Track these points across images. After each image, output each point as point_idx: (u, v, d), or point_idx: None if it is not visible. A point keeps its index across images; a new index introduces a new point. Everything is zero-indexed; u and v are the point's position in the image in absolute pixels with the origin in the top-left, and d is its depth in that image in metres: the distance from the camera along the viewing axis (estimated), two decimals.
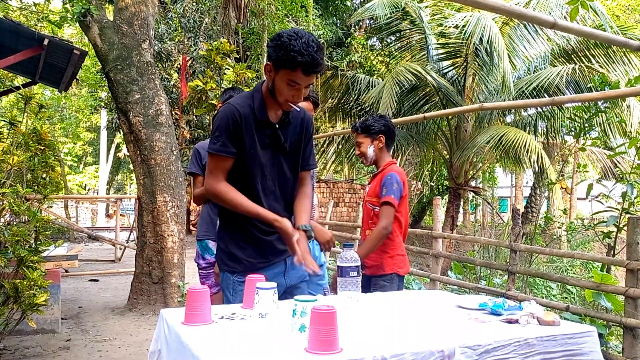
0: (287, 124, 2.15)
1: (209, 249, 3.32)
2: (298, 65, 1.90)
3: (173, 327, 1.68)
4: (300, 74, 1.94)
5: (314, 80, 2.07)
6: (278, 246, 2.15)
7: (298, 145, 2.21)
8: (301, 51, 1.89)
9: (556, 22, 2.46)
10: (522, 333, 1.64)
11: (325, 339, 1.41)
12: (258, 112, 2.07)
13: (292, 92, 1.99)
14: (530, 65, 10.10)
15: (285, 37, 1.93)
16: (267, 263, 2.16)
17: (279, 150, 2.14)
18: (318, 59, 1.92)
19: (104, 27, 5.56)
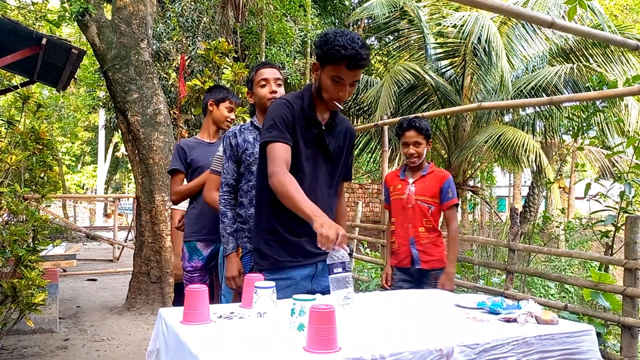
0: (333, 128, 2.19)
1: (197, 251, 3.12)
2: (342, 59, 1.94)
3: (171, 326, 1.68)
4: (344, 69, 1.97)
5: (360, 77, 2.10)
6: (308, 248, 2.13)
7: (340, 152, 2.26)
8: (345, 45, 1.93)
9: (554, 21, 2.46)
10: (521, 332, 1.64)
11: (323, 338, 1.41)
12: (307, 110, 2.11)
13: (338, 89, 2.02)
14: (529, 65, 10.10)
15: (330, 34, 1.99)
16: (296, 263, 2.15)
17: (322, 152, 2.17)
18: (362, 54, 1.95)
19: (102, 26, 5.56)
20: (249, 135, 2.55)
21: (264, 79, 2.57)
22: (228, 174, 2.53)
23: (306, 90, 2.17)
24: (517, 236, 4.52)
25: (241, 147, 2.52)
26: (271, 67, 2.64)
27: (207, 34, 11.67)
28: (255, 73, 2.61)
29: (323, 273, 2.21)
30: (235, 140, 2.53)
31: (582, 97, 4.03)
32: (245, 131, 2.57)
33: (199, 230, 3.08)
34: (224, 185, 2.52)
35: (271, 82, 2.58)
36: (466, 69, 9.88)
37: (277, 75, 2.62)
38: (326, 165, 2.19)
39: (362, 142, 11.67)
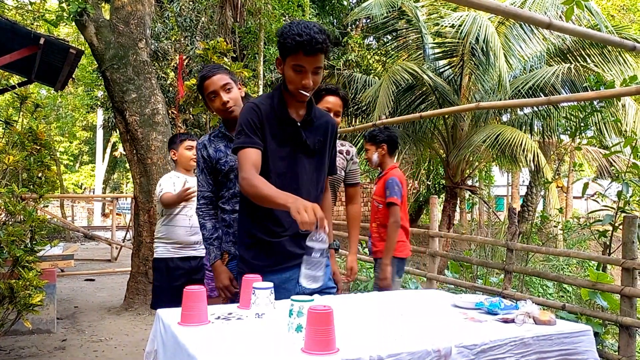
0: (309, 123, 2.16)
1: None
2: (298, 46, 1.93)
3: (169, 327, 1.68)
4: (302, 56, 1.95)
5: (322, 64, 2.05)
6: (290, 249, 2.09)
7: (323, 146, 2.21)
8: (299, 32, 1.93)
9: (552, 22, 2.47)
10: (518, 332, 1.64)
11: (321, 339, 1.41)
12: (277, 109, 2.09)
13: (300, 77, 2.00)
14: (526, 65, 10.11)
15: (286, 26, 2.01)
16: (275, 267, 2.09)
17: (301, 149, 2.12)
18: (318, 38, 1.94)
19: (101, 26, 5.55)
20: (219, 143, 2.52)
21: (212, 92, 2.49)
22: (203, 187, 2.53)
23: (276, 89, 2.15)
24: (515, 236, 4.53)
25: (214, 158, 2.49)
26: (213, 76, 2.51)
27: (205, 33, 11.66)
28: (202, 86, 2.52)
29: None
30: (206, 152, 2.50)
31: (580, 97, 4.04)
32: (216, 140, 2.54)
33: None
34: (201, 198, 2.54)
35: (220, 92, 2.49)
36: (464, 69, 9.89)
37: (223, 82, 2.49)
38: (309, 160, 2.15)
39: (360, 142, 11.67)
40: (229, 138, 2.51)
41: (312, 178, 2.17)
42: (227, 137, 2.51)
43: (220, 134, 2.54)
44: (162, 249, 3.51)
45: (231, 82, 2.52)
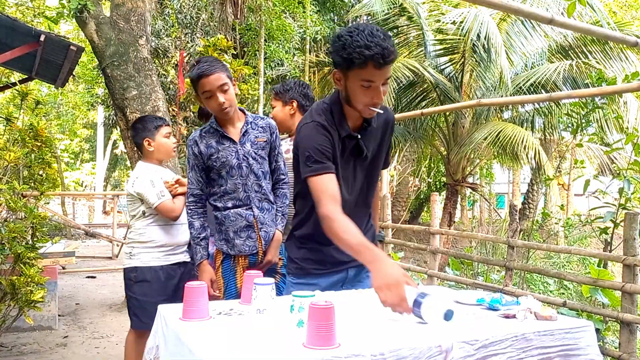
0: (369, 131, 2.01)
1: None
2: (368, 59, 1.72)
3: (171, 322, 1.68)
4: (373, 69, 1.74)
5: (390, 74, 1.87)
6: (336, 256, 2.03)
7: (380, 149, 2.10)
8: (367, 44, 1.71)
9: (553, 18, 2.46)
10: (520, 328, 1.64)
11: (323, 334, 1.41)
12: (339, 127, 1.93)
13: (371, 94, 1.81)
14: (528, 62, 10.10)
15: (345, 35, 1.77)
16: (323, 271, 2.09)
17: (361, 159, 2.03)
18: (388, 47, 1.73)
19: (101, 23, 5.54)
20: (211, 139, 2.50)
21: (207, 91, 2.40)
22: (192, 184, 2.53)
23: (333, 103, 1.96)
24: (516, 233, 4.53)
25: (205, 154, 2.48)
26: (210, 75, 2.36)
27: (205, 30, 11.64)
28: (197, 84, 2.42)
29: (355, 279, 2.16)
30: (197, 149, 2.48)
31: (581, 93, 4.03)
32: (207, 135, 2.50)
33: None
34: (190, 195, 2.55)
35: (216, 93, 2.39)
36: (465, 66, 9.88)
37: (220, 82, 2.38)
38: (366, 168, 2.06)
39: None
40: (220, 134, 2.50)
41: (367, 182, 2.10)
42: (219, 133, 2.50)
43: (211, 130, 2.51)
44: (146, 257, 2.92)
45: (228, 81, 2.42)
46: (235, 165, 2.49)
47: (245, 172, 2.50)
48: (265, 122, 2.62)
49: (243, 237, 2.53)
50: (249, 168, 2.51)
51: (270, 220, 2.59)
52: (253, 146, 2.53)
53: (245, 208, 2.52)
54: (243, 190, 2.51)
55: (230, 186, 2.50)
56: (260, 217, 2.54)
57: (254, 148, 2.53)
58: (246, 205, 2.52)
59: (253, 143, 2.53)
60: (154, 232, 2.93)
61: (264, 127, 2.59)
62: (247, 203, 2.52)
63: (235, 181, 2.50)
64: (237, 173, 2.49)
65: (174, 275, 2.95)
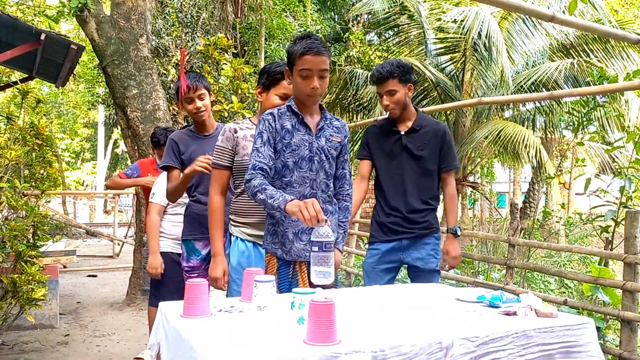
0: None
1: (196, 250, 3.00)
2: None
3: (172, 320, 1.68)
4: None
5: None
6: (393, 227, 2.90)
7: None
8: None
9: (554, 15, 2.46)
10: (520, 325, 1.64)
11: (323, 331, 1.41)
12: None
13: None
14: (529, 60, 10.09)
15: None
16: (383, 238, 2.93)
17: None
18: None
19: (101, 21, 5.54)
20: (286, 122, 2.25)
21: (307, 69, 2.15)
22: (264, 158, 2.17)
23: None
24: (517, 231, 4.52)
25: (279, 134, 2.23)
26: (317, 55, 2.16)
27: (206, 29, 11.64)
28: (300, 59, 2.16)
29: (411, 247, 2.90)
30: (274, 124, 2.23)
31: (582, 91, 4.03)
32: (283, 116, 2.26)
33: (197, 228, 2.93)
34: (258, 168, 2.14)
35: (315, 75, 2.18)
36: (466, 65, 9.87)
37: (321, 66, 2.19)
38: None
39: (360, 138, 11.65)
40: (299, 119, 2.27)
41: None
42: (298, 117, 2.27)
43: (288, 112, 2.27)
44: (162, 243, 3.39)
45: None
46: (307, 157, 2.24)
47: (317, 167, 2.25)
48: (341, 123, 2.42)
49: (304, 241, 2.22)
50: (320, 164, 2.27)
51: (333, 225, 2.30)
52: (327, 142, 2.30)
53: None
54: (310, 186, 2.24)
55: (297, 179, 2.22)
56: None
57: (328, 145, 2.30)
58: None
59: (328, 140, 2.31)
60: (165, 223, 3.46)
61: (338, 128, 2.37)
62: None
63: (304, 174, 2.23)
64: (307, 166, 2.24)
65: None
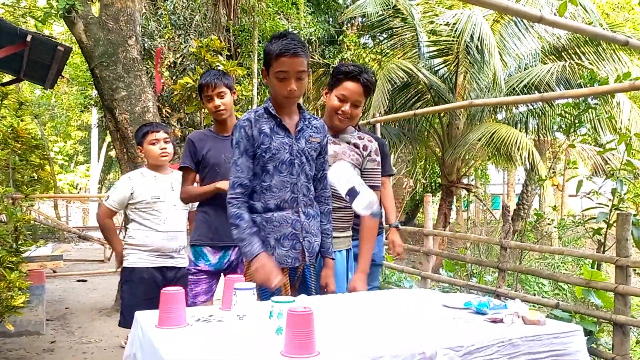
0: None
1: (204, 255, 2.87)
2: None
3: (146, 330, 1.62)
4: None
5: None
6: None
7: None
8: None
9: (543, 16, 2.42)
10: (506, 333, 1.60)
11: (301, 342, 1.36)
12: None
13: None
14: (521, 63, 10.08)
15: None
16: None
17: None
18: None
19: (90, 23, 5.48)
20: (264, 125, 2.17)
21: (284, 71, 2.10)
22: (242, 172, 2.13)
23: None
24: (509, 234, 4.49)
25: (257, 140, 2.14)
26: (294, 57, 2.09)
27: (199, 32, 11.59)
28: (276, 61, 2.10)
29: None
30: (251, 131, 2.14)
31: (573, 93, 4.00)
32: (260, 119, 2.18)
33: (205, 234, 2.85)
34: (238, 186, 2.13)
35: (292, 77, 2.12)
36: (459, 67, 9.85)
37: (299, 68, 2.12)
38: None
39: None
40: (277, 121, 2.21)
41: None
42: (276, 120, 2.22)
43: (266, 114, 2.21)
44: (133, 257, 3.15)
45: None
46: (287, 161, 2.17)
47: (297, 170, 2.20)
48: (320, 122, 2.35)
49: (286, 247, 2.16)
50: (301, 167, 2.21)
51: (315, 229, 2.26)
52: (307, 144, 2.24)
53: (291, 212, 2.19)
54: (291, 190, 2.18)
55: (277, 183, 2.16)
56: (306, 225, 2.21)
57: (308, 147, 2.24)
58: (291, 208, 2.19)
59: (307, 141, 2.24)
60: (137, 234, 3.18)
61: (317, 128, 2.31)
62: (292, 206, 2.19)
63: (284, 178, 2.17)
64: (288, 170, 2.17)
65: (160, 278, 3.14)
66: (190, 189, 2.89)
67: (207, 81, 2.85)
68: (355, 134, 2.59)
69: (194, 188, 2.90)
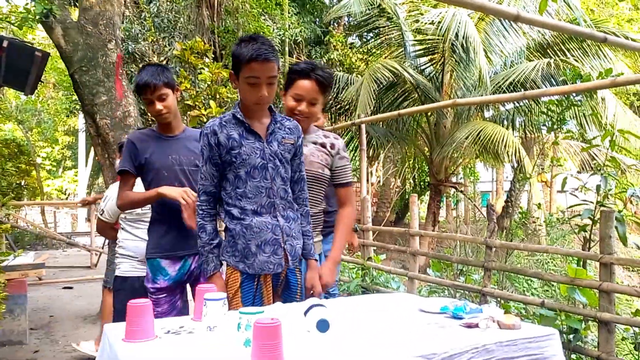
0: None
1: (162, 270, 2.56)
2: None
3: (113, 344, 1.58)
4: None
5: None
6: None
7: None
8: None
9: (519, 14, 2.40)
10: (481, 339, 1.57)
11: (268, 355, 1.33)
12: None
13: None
14: (507, 61, 10.12)
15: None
16: None
17: None
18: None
19: (68, 27, 5.40)
20: (232, 131, 2.13)
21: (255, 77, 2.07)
22: (206, 180, 2.13)
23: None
24: (494, 233, 4.47)
25: (225, 147, 2.11)
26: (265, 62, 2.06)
27: (184, 34, 11.50)
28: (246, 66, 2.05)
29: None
30: (215, 139, 2.11)
31: (556, 91, 4.00)
32: (228, 125, 2.14)
33: (163, 246, 2.57)
34: (202, 193, 2.14)
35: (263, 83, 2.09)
36: (445, 66, 9.86)
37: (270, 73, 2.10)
38: None
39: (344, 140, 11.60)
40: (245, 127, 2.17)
41: None
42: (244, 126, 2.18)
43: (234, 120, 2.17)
44: (126, 266, 3.04)
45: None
46: (259, 166, 2.13)
47: (272, 174, 2.15)
48: (293, 123, 2.29)
49: (268, 253, 2.11)
50: (275, 170, 2.16)
51: (297, 231, 2.22)
52: (280, 146, 2.19)
53: (269, 217, 2.14)
54: (267, 195, 2.13)
55: (251, 189, 2.12)
56: (286, 228, 2.16)
57: (281, 149, 2.19)
58: (269, 213, 2.14)
59: (280, 143, 2.19)
60: (128, 244, 3.08)
61: (290, 129, 2.25)
62: (270, 211, 2.14)
63: (258, 184, 2.12)
64: (261, 175, 2.13)
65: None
66: (129, 194, 2.61)
67: (145, 81, 2.50)
68: (320, 133, 2.54)
69: (133, 194, 2.63)
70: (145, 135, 2.64)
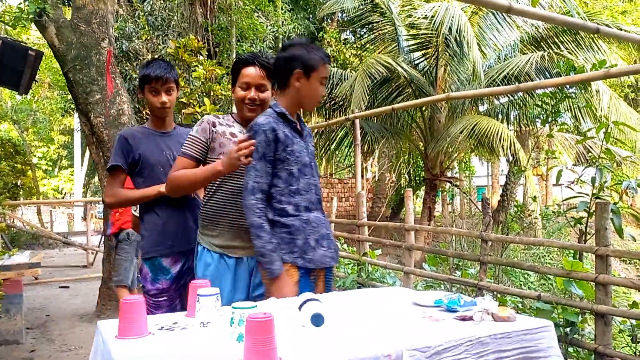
0: None
1: (164, 269, 2.43)
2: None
3: (107, 341, 1.57)
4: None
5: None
6: None
7: None
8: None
9: (511, 6, 2.39)
10: (475, 332, 1.57)
11: (261, 350, 1.32)
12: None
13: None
14: (501, 54, 10.12)
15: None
16: None
17: None
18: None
19: (61, 26, 5.37)
20: (285, 128, 2.15)
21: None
22: (262, 177, 2.07)
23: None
24: (490, 226, 4.48)
25: (283, 143, 2.10)
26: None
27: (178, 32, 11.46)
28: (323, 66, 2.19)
29: None
30: (273, 135, 2.08)
31: (549, 83, 3.99)
32: (279, 123, 2.14)
33: (163, 243, 2.43)
34: (258, 191, 2.06)
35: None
36: (439, 60, 9.86)
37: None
38: None
39: (338, 135, 11.61)
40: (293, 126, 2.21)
41: None
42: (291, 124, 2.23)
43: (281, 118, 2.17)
44: None
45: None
46: (308, 163, 2.19)
47: (314, 172, 2.22)
48: (309, 128, 2.41)
49: (325, 247, 2.15)
50: (315, 169, 2.25)
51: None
52: (311, 146, 2.30)
53: (319, 212, 2.19)
54: (315, 192, 2.19)
55: (304, 186, 2.14)
56: (328, 225, 2.24)
57: (312, 149, 2.28)
58: (318, 209, 2.20)
59: (311, 144, 2.30)
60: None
61: (309, 133, 2.35)
62: (318, 207, 2.20)
63: (309, 180, 2.17)
64: (310, 172, 2.19)
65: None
66: (121, 192, 2.48)
67: (157, 74, 2.48)
68: None
69: (127, 191, 2.50)
70: (138, 131, 2.58)
